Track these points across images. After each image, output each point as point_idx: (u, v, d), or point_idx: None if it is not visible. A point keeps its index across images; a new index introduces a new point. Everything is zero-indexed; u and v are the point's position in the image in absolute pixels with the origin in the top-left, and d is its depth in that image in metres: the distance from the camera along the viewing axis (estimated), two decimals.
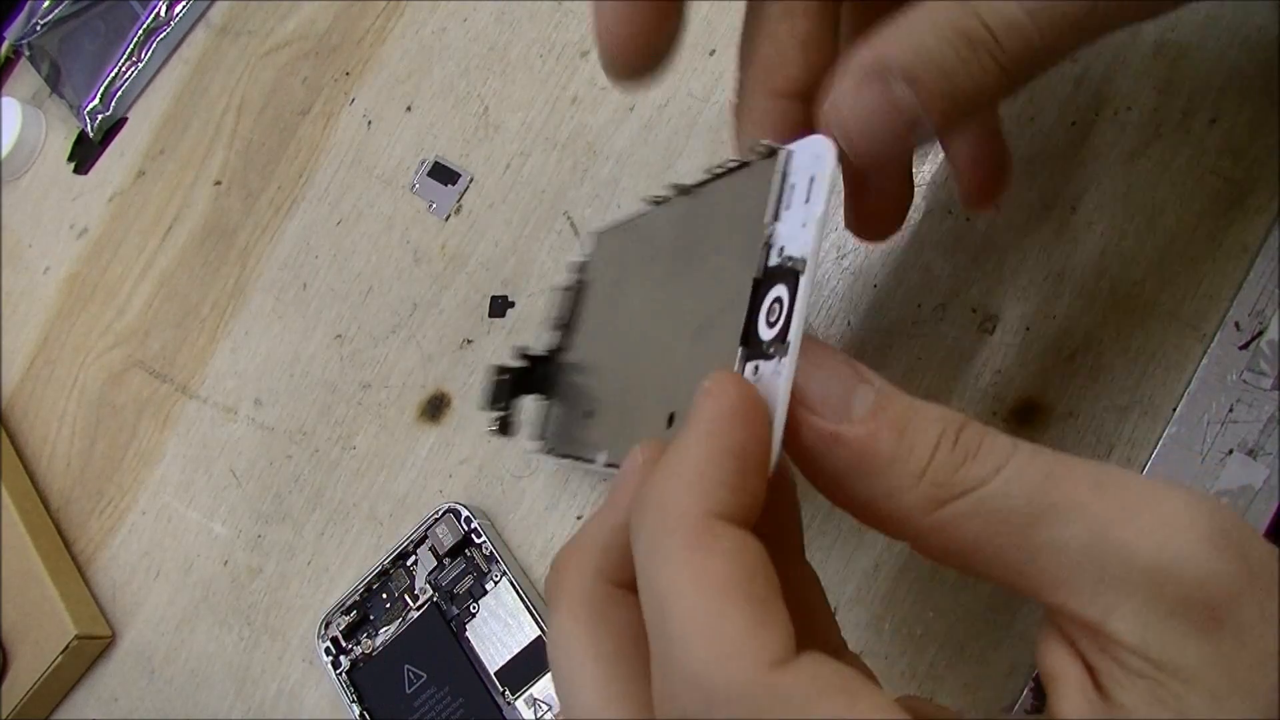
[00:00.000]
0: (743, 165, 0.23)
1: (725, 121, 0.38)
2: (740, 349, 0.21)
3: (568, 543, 0.21)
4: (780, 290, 0.21)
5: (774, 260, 0.21)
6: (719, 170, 0.25)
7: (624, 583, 0.20)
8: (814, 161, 0.21)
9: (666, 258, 0.27)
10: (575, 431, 0.30)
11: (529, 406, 0.34)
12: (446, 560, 0.36)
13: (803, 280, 0.20)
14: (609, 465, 0.26)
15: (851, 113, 0.20)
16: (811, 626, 0.20)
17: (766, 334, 0.21)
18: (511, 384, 0.33)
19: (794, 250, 0.20)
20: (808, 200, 0.20)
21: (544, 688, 0.33)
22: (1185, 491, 0.17)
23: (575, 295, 0.34)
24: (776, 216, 0.21)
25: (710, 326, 0.23)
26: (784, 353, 0.19)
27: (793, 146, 0.21)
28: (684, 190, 0.27)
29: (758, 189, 0.22)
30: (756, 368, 0.20)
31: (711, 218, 0.25)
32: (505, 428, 0.33)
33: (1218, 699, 0.17)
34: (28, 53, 0.59)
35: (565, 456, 0.31)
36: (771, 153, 0.22)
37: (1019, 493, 0.18)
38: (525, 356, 0.34)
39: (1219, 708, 0.16)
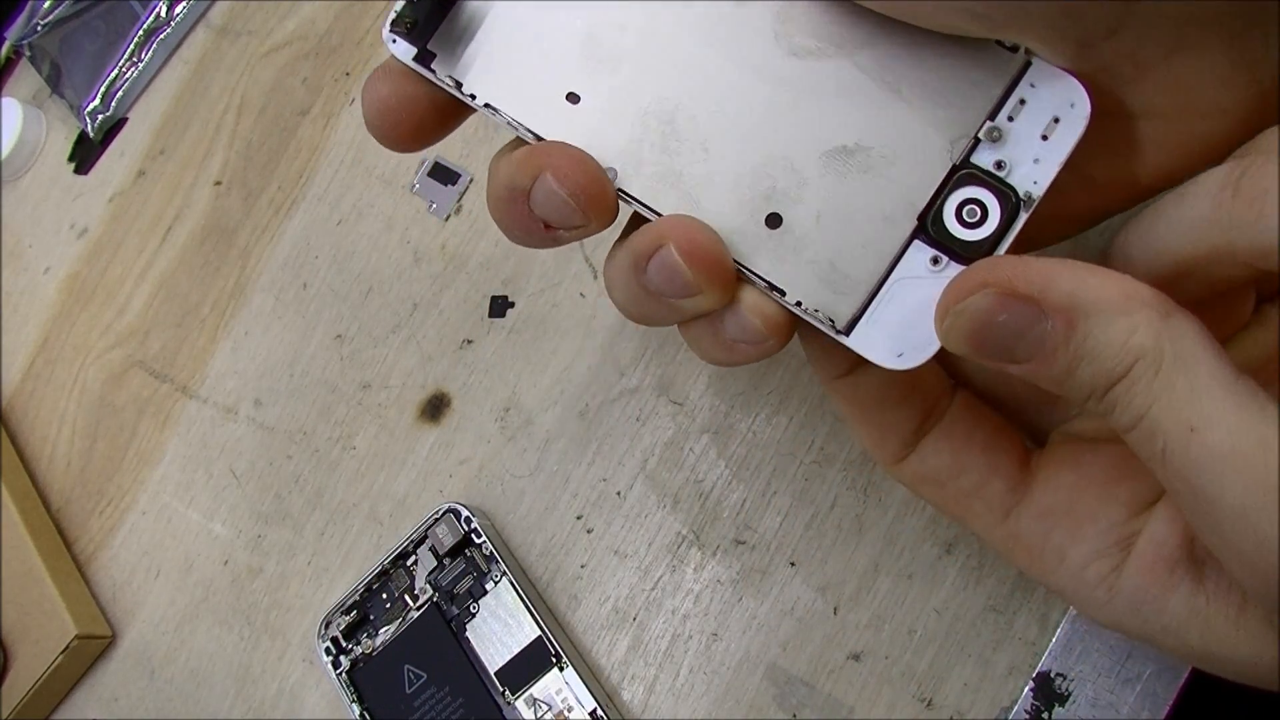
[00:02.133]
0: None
1: None
2: (914, 224, 0.21)
3: None
4: (982, 195, 0.21)
5: (983, 161, 0.21)
6: None
7: None
8: (1063, 104, 0.21)
9: (779, 23, 0.24)
10: (533, 101, 0.25)
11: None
12: (446, 560, 0.36)
13: (1025, 215, 0.20)
14: (621, 192, 0.23)
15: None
16: None
17: (960, 232, 0.21)
18: None
19: (1025, 180, 0.21)
20: (1045, 138, 0.21)
21: (544, 688, 0.33)
22: None
23: None
24: (993, 118, 0.21)
25: (854, 159, 0.22)
26: None
27: (1037, 61, 0.21)
28: None
29: (975, 70, 0.22)
30: (937, 259, 0.21)
31: (884, 44, 0.23)
32: (413, 25, 0.25)
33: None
34: (28, 53, 0.60)
35: (499, 115, 0.24)
36: (1014, 49, 0.21)
37: (1139, 455, 0.19)
38: None
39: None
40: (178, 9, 0.55)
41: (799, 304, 0.22)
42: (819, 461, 0.33)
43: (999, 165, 0.21)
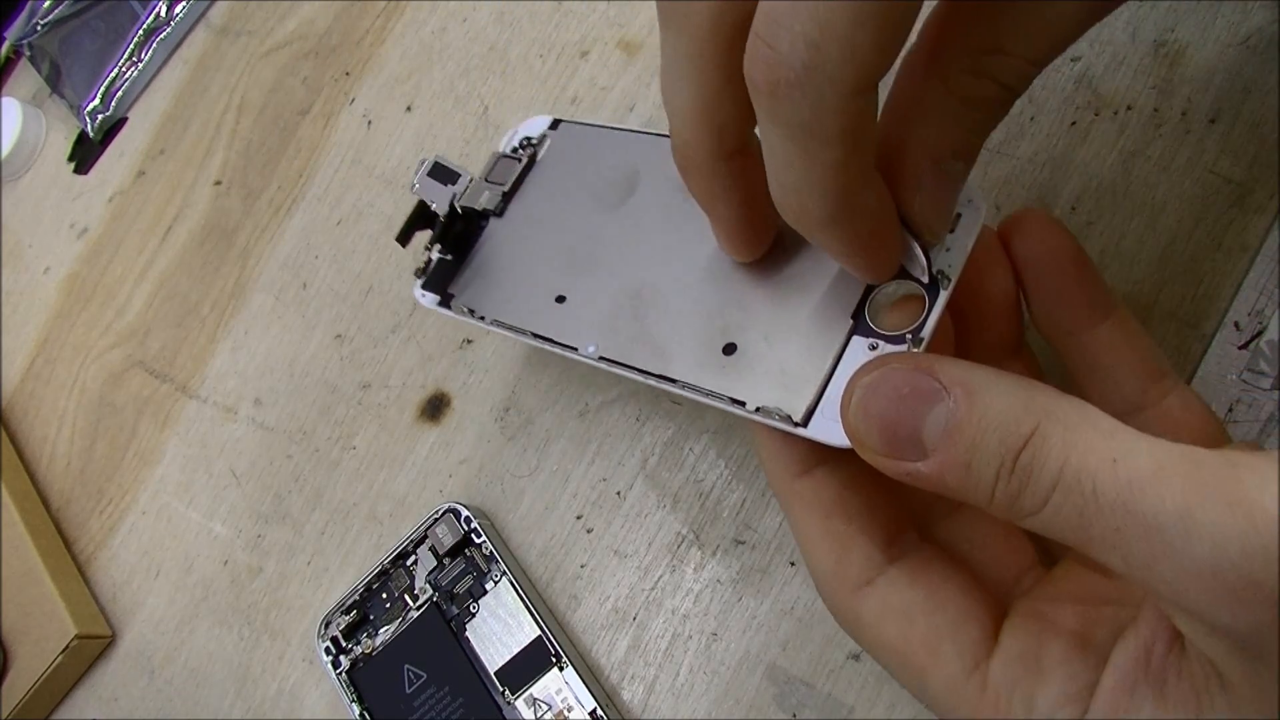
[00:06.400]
0: None
1: None
2: (850, 322, 0.24)
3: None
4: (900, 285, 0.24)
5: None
6: None
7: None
8: (962, 201, 0.23)
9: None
10: (531, 309, 0.30)
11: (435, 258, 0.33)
12: (446, 560, 0.36)
13: (944, 293, 0.23)
14: (604, 359, 0.27)
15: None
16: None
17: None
18: (440, 230, 0.32)
19: (939, 264, 0.23)
20: (952, 230, 0.23)
21: (544, 687, 0.33)
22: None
23: (524, 168, 0.34)
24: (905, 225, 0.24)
25: (791, 284, 0.25)
26: (918, 346, 0.22)
27: None
28: None
29: None
30: (874, 345, 0.23)
31: None
32: (425, 273, 0.33)
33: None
34: (28, 53, 0.60)
35: (505, 327, 0.30)
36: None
37: (1064, 525, 0.18)
38: (460, 208, 0.33)
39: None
40: (178, 9, 0.55)
41: (758, 410, 0.24)
42: None
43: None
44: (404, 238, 0.32)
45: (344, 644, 0.37)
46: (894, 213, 0.22)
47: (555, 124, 0.34)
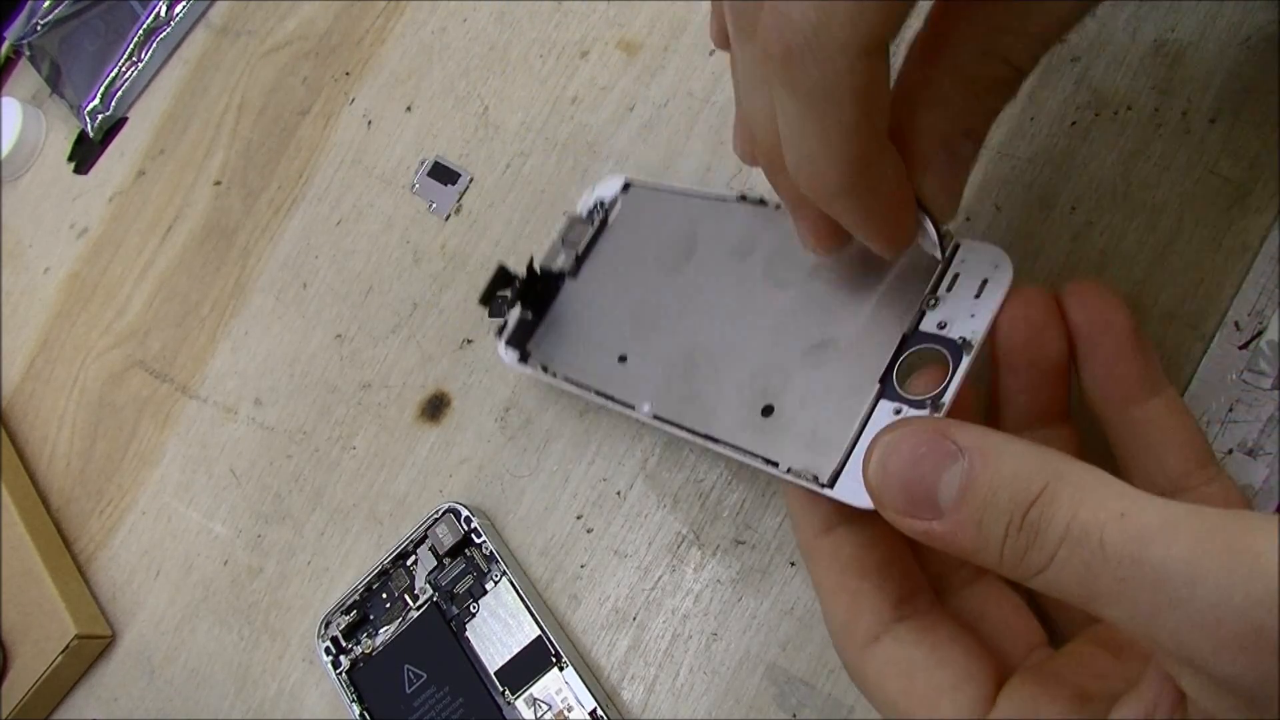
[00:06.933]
0: None
1: (726, 121, 0.38)
2: (878, 386, 0.25)
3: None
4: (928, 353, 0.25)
5: (928, 326, 0.25)
6: None
7: None
8: (989, 266, 0.24)
9: (749, 254, 0.30)
10: (596, 367, 0.32)
11: (514, 316, 0.36)
12: (446, 560, 0.36)
13: (967, 359, 0.23)
14: (657, 418, 0.30)
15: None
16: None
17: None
18: (520, 290, 0.35)
19: (963, 331, 0.24)
20: (978, 296, 0.24)
21: (544, 687, 0.33)
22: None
23: (596, 230, 0.36)
24: (934, 292, 0.25)
25: (827, 350, 0.27)
26: (940, 411, 0.23)
27: (965, 242, 0.25)
28: (778, 205, 0.30)
29: (916, 264, 0.26)
30: (899, 410, 0.24)
31: (847, 264, 0.28)
32: (503, 330, 0.36)
33: None
34: (28, 53, 0.60)
35: (573, 384, 0.33)
36: (941, 237, 0.25)
37: (1070, 580, 0.18)
38: (537, 269, 0.36)
39: None
40: (178, 9, 0.55)
41: (789, 470, 0.25)
42: None
43: (941, 325, 0.24)
44: (487, 299, 0.35)
45: (344, 644, 0.37)
46: (908, 183, 0.22)
47: (626, 186, 0.36)
